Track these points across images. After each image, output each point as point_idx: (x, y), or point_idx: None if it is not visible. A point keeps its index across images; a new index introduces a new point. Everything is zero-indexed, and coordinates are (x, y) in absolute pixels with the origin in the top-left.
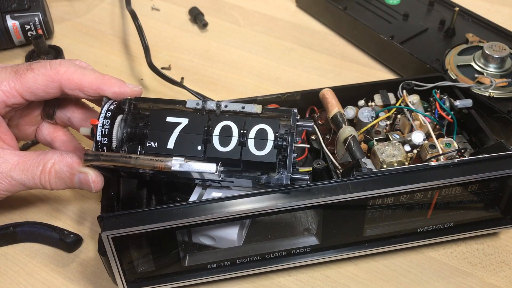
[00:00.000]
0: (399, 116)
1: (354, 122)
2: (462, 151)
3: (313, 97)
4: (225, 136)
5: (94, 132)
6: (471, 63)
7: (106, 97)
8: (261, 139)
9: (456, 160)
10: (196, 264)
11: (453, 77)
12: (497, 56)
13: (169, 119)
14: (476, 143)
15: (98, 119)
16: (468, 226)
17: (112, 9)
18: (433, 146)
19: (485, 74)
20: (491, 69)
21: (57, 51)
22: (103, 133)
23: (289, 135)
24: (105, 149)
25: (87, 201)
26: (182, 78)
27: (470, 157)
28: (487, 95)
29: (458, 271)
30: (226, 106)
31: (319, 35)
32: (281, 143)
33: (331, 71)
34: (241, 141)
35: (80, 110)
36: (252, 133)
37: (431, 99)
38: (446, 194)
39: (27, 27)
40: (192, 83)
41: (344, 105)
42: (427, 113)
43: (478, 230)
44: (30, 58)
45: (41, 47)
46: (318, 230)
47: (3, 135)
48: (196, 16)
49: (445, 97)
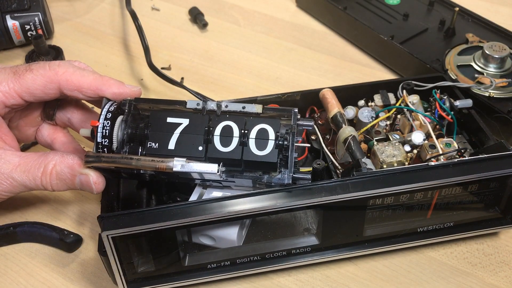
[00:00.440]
0: (399, 116)
1: (354, 122)
2: (462, 151)
3: (313, 97)
4: (226, 136)
5: (94, 133)
6: (471, 63)
7: (106, 98)
8: (262, 139)
9: (456, 160)
10: (196, 264)
11: (453, 77)
12: (497, 56)
13: (169, 119)
14: (476, 143)
15: (99, 120)
16: (468, 226)
17: (112, 9)
18: (433, 146)
19: (485, 74)
20: (491, 69)
21: (57, 51)
22: (104, 134)
23: (290, 134)
24: (105, 150)
25: (87, 202)
26: (182, 78)
27: (470, 157)
28: (487, 95)
29: (458, 271)
30: (226, 106)
31: (319, 35)
32: (282, 142)
33: (331, 71)
34: (242, 141)
35: (80, 111)
36: (253, 133)
37: (431, 99)
38: (446, 194)
39: (27, 27)
40: (192, 83)
41: (344, 105)
42: (427, 113)
43: (478, 230)
44: (30, 58)
45: (41, 47)
46: (318, 230)
47: (4, 136)
48: (196, 16)
49: (445, 97)
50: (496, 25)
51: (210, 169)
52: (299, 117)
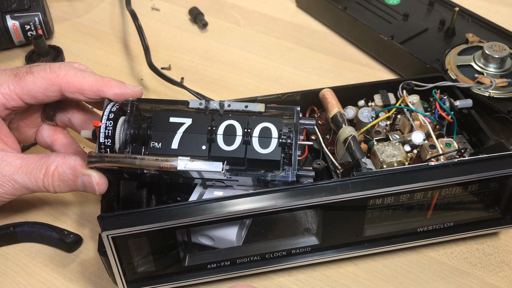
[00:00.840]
0: (399, 116)
1: (354, 122)
2: (462, 151)
3: (313, 97)
4: (229, 135)
5: (96, 134)
6: (471, 63)
7: (107, 99)
8: (265, 137)
9: (456, 160)
10: (196, 264)
11: (453, 77)
12: (497, 56)
13: (172, 119)
14: (476, 143)
15: (101, 120)
16: (468, 226)
17: (112, 9)
18: (433, 146)
19: (485, 74)
20: (491, 69)
21: (57, 51)
22: (106, 134)
23: (293, 132)
24: (108, 150)
25: (87, 202)
26: (182, 78)
27: (470, 157)
28: (487, 95)
29: (458, 271)
30: (229, 106)
31: (319, 35)
32: (285, 141)
33: (331, 71)
34: (245, 139)
35: (81, 112)
36: (256, 131)
37: (431, 99)
38: (446, 194)
39: (27, 27)
40: (192, 83)
41: (344, 105)
42: (427, 113)
43: (478, 230)
44: (30, 58)
45: (41, 47)
46: (318, 230)
47: (5, 138)
48: (196, 16)
49: (445, 97)
50: (496, 25)
51: (215, 167)
52: (300, 115)
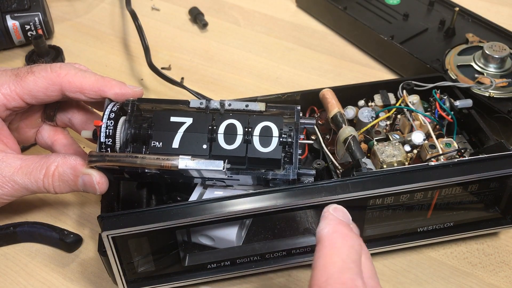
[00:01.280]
0: (399, 116)
1: (354, 122)
2: (462, 151)
3: (313, 97)
4: (230, 134)
5: (97, 133)
6: (471, 63)
7: (108, 99)
8: (266, 136)
9: (456, 160)
10: (196, 264)
11: (453, 77)
12: (497, 56)
13: (173, 119)
14: (476, 143)
15: (102, 120)
16: (468, 226)
17: (112, 9)
18: (433, 146)
19: (485, 74)
20: (491, 69)
21: (57, 51)
22: (107, 134)
23: (293, 131)
24: (109, 150)
25: (87, 203)
26: (182, 78)
27: (470, 157)
28: (487, 95)
29: (458, 271)
30: (230, 105)
31: (319, 35)
32: (285, 139)
33: (331, 71)
34: (246, 138)
35: (81, 111)
36: (257, 130)
37: (431, 99)
38: (446, 194)
39: (27, 27)
40: (192, 83)
41: (344, 105)
42: (427, 113)
43: (478, 230)
44: (30, 58)
45: (41, 47)
46: None
47: (5, 139)
48: (196, 16)
49: (445, 97)
50: (496, 25)
51: (216, 166)
52: (301, 114)
